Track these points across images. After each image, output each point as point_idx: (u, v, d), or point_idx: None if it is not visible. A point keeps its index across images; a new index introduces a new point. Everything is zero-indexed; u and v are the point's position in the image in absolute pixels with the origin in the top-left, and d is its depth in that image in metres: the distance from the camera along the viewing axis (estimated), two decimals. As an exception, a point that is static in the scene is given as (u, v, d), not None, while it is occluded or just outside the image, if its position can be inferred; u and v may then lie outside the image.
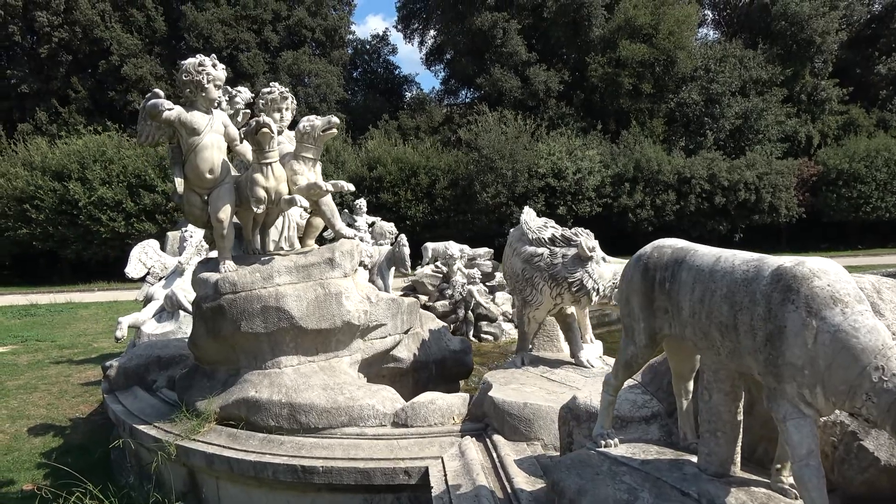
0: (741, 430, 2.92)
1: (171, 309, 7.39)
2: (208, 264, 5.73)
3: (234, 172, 5.71)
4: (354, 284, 5.43)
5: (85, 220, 29.84)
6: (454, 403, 4.83)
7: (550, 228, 5.48)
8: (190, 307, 7.14)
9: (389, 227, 10.22)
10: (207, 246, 7.79)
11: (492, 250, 15.31)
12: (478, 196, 30.96)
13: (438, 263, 13.11)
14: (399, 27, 46.00)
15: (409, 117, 39.25)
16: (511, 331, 12.04)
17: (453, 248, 12.65)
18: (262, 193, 5.28)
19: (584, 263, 5.09)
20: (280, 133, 5.89)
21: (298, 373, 5.06)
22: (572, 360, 5.70)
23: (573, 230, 5.35)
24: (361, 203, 13.12)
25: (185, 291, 7.36)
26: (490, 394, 4.71)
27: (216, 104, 5.71)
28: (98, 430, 6.87)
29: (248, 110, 9.92)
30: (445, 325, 6.82)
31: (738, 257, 2.70)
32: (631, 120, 36.13)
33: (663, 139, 35.87)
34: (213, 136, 5.50)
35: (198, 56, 5.54)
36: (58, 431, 6.76)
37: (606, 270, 5.16)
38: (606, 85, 36.08)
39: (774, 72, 36.98)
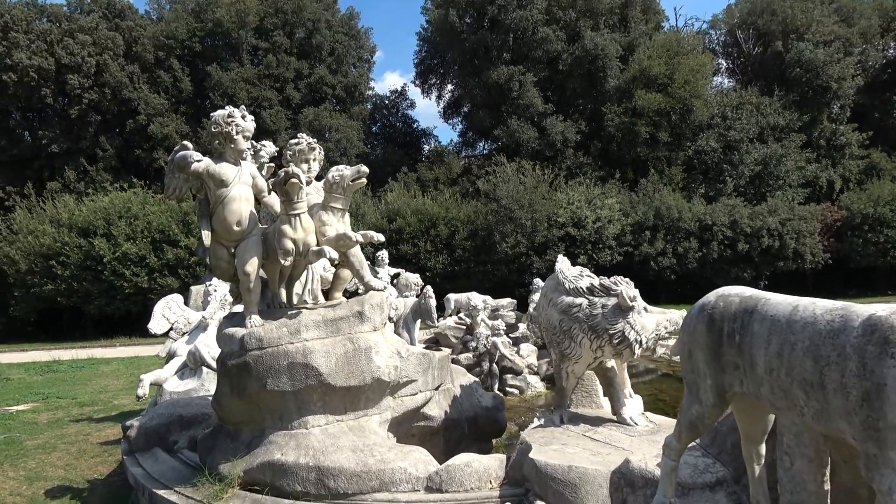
0: (828, 501, 2.61)
1: (193, 366, 7.16)
2: (234, 319, 5.54)
3: (260, 225, 5.60)
4: (384, 339, 5.20)
5: (109, 276, 30.13)
6: (491, 466, 4.51)
7: (587, 277, 5.25)
8: (213, 364, 6.94)
9: (415, 278, 10.01)
10: (231, 300, 7.65)
11: (515, 301, 15.04)
12: (497, 246, 30.84)
13: (462, 315, 12.87)
14: (417, 82, 47.02)
15: (427, 169, 39.64)
16: (537, 384, 11.66)
17: (476, 298, 12.41)
18: (290, 245, 5.14)
19: (625, 314, 4.86)
20: (308, 184, 5.78)
21: (326, 433, 4.80)
22: (614, 418, 5.39)
23: (612, 279, 5.12)
24: (383, 255, 13.02)
25: (208, 347, 7.16)
26: (531, 456, 4.42)
27: (244, 156, 5.63)
28: (116, 493, 6.60)
29: (272, 164, 9.97)
30: (477, 380, 6.50)
31: (819, 306, 2.46)
32: (649, 168, 36.14)
33: (682, 187, 35.75)
34: (242, 187, 5.40)
35: (227, 107, 5.51)
36: (75, 494, 6.50)
37: (649, 321, 4.92)
38: (623, 134, 36.27)
39: (792, 118, 37.00)
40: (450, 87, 46.64)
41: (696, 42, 39.99)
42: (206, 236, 5.41)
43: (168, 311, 7.70)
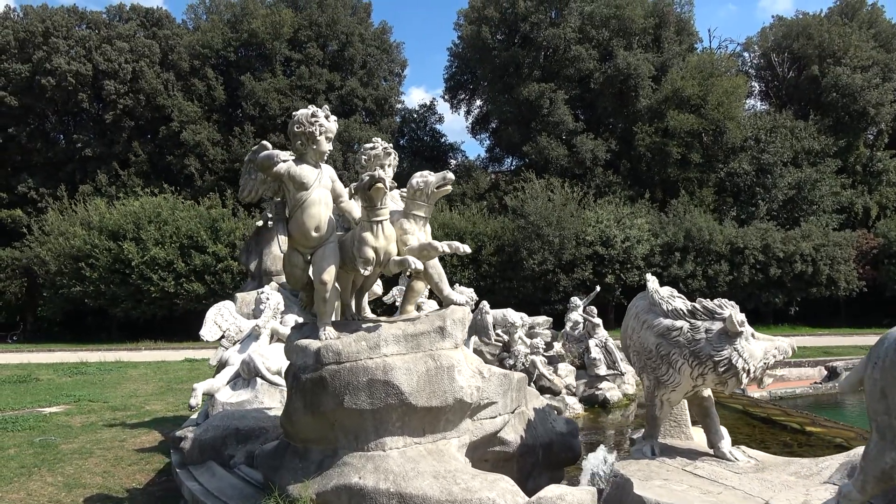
0: None
1: (247, 376, 6.95)
2: (303, 329, 5.29)
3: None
4: (465, 357, 4.95)
5: (136, 279, 30.38)
6: (584, 500, 4.18)
7: (678, 299, 4.97)
8: (268, 374, 6.75)
9: (469, 292, 9.65)
10: (283, 308, 7.49)
11: (550, 319, 14.75)
12: (524, 263, 30.57)
13: (499, 332, 12.62)
14: (445, 97, 47.14)
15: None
16: (575, 405, 11.34)
17: (513, 316, 12.13)
18: (370, 254, 4.87)
19: (731, 339, 4.49)
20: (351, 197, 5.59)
21: (405, 457, 4.51)
22: (710, 451, 5.01)
23: (717, 301, 4.77)
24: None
25: (263, 357, 6.95)
26: (637, 492, 4.09)
27: (325, 158, 5.43)
28: None
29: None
30: (550, 403, 6.21)
31: None
32: (679, 189, 35.71)
33: (713, 209, 35.25)
34: (321, 191, 5.14)
35: (310, 106, 5.28)
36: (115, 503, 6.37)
37: (757, 348, 4.54)
38: (654, 154, 35.93)
39: (827, 143, 36.41)
40: (479, 102, 46.74)
41: (730, 64, 39.63)
42: (283, 241, 5.16)
43: (220, 319, 7.46)
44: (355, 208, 5.33)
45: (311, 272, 5.20)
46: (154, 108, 37.36)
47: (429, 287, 5.74)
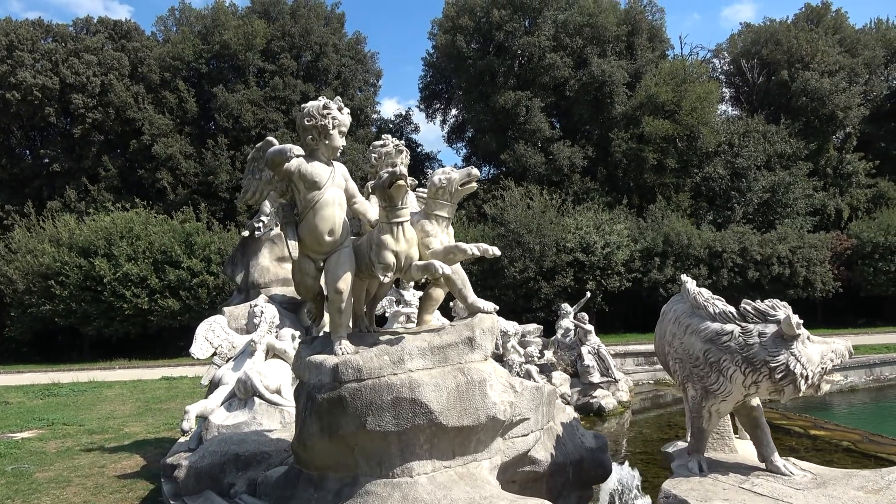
0: None
1: (243, 396, 6.46)
2: (314, 344, 4.84)
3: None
4: (494, 369, 4.57)
5: (108, 297, 29.53)
6: None
7: (720, 301, 4.68)
8: (267, 393, 6.33)
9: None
10: (278, 322, 7.10)
11: (542, 327, 14.55)
12: (505, 271, 30.40)
13: (489, 341, 12.35)
14: (421, 107, 47.04)
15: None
16: (571, 414, 11.12)
17: (505, 324, 11.91)
18: (391, 259, 4.44)
19: (788, 343, 4.18)
20: (368, 196, 5.18)
21: (435, 483, 4.06)
22: (760, 465, 4.70)
23: (768, 302, 4.45)
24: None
25: (260, 375, 6.49)
26: None
27: (338, 155, 5.01)
28: (140, 534, 6.05)
29: None
30: (577, 416, 5.88)
31: None
32: (656, 194, 35.95)
33: (690, 213, 35.53)
34: (335, 191, 4.72)
35: (321, 98, 4.86)
36: (97, 535, 5.94)
37: (814, 352, 4.24)
38: (630, 160, 36.17)
39: (798, 146, 37.00)
40: (454, 111, 46.71)
41: (701, 70, 40.15)
42: (294, 247, 4.69)
43: (211, 334, 7.00)
44: (370, 209, 4.94)
45: (323, 281, 4.79)
46: (124, 121, 36.55)
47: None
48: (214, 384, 6.64)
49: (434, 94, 46.05)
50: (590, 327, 12.47)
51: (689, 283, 5.02)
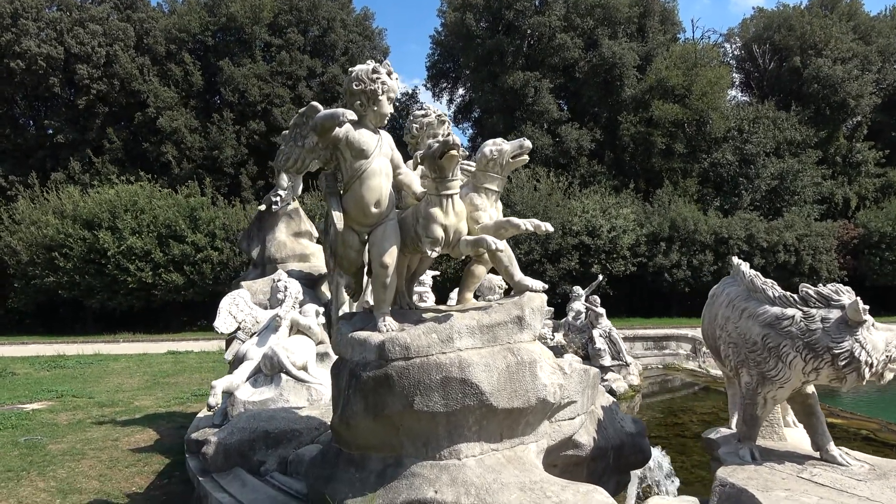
0: None
1: (269, 371, 6.34)
2: (353, 320, 4.68)
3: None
4: (543, 351, 4.43)
5: (112, 270, 29.47)
6: None
7: (776, 285, 4.54)
8: (294, 370, 6.24)
9: (499, 280, 9.00)
10: (301, 298, 6.98)
11: (552, 308, 14.46)
12: (509, 253, 30.29)
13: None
14: (427, 86, 46.60)
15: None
16: (610, 399, 11.08)
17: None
18: (439, 233, 4.24)
19: (852, 329, 4.03)
20: (416, 167, 4.86)
21: (483, 466, 3.95)
22: (814, 454, 4.57)
23: (831, 286, 4.28)
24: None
25: (287, 351, 6.34)
26: None
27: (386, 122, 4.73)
28: (159, 509, 6.00)
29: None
30: (615, 400, 5.77)
31: None
32: (663, 179, 35.74)
33: (697, 199, 35.35)
34: (382, 160, 4.48)
35: (369, 62, 4.59)
36: (115, 510, 5.89)
37: (878, 339, 4.07)
38: (638, 144, 35.91)
39: (808, 133, 36.71)
40: (461, 91, 46.27)
41: (712, 54, 39.70)
42: (339, 218, 4.45)
43: (235, 309, 6.84)
44: (415, 181, 4.73)
45: (367, 255, 4.60)
46: (129, 93, 36.21)
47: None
48: (238, 359, 6.50)
49: (441, 72, 45.60)
50: (601, 310, 12.37)
51: (744, 265, 4.87)
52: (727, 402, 11.36)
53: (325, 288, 8.12)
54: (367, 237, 4.58)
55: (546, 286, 4.70)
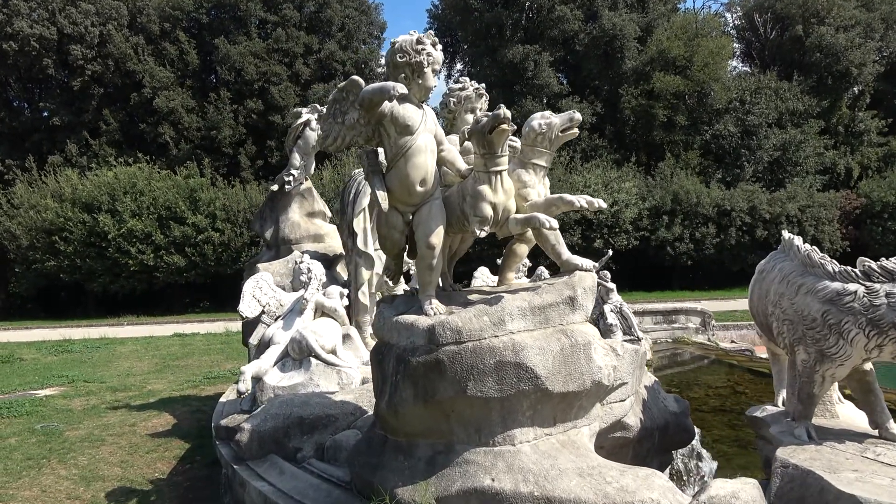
0: None
1: (297, 356, 6.20)
2: (395, 303, 4.55)
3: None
4: (596, 332, 4.29)
5: (113, 253, 29.39)
6: (756, 497, 3.59)
7: (830, 259, 4.45)
8: (323, 353, 6.15)
9: (545, 274, 8.84)
10: (325, 280, 6.87)
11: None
12: (513, 228, 30.24)
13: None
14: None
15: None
16: (652, 378, 11.06)
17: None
18: (488, 211, 4.08)
19: None
20: (463, 142, 4.63)
21: (538, 451, 3.86)
22: (872, 432, 4.49)
23: (895, 260, 4.17)
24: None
25: (316, 334, 6.17)
26: (841, 488, 3.53)
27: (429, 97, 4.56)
28: (187, 496, 5.97)
29: None
30: (657, 379, 5.70)
31: None
32: (665, 152, 35.51)
33: (699, 171, 35.17)
34: (427, 136, 4.28)
35: (412, 32, 4.38)
36: (142, 498, 5.83)
37: None
38: (639, 117, 35.61)
39: (810, 103, 36.39)
40: (459, 66, 45.70)
41: (714, 24, 39.19)
42: (383, 198, 4.29)
43: (259, 292, 6.71)
44: (459, 157, 4.56)
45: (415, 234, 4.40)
46: (124, 73, 35.75)
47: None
48: (264, 344, 6.38)
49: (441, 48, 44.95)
50: (612, 285, 12.27)
51: (797, 239, 4.75)
52: (739, 376, 11.38)
53: (340, 268, 8.06)
54: (411, 217, 4.43)
55: (596, 265, 4.59)
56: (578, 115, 4.52)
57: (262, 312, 6.76)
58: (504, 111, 4.00)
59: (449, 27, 42.65)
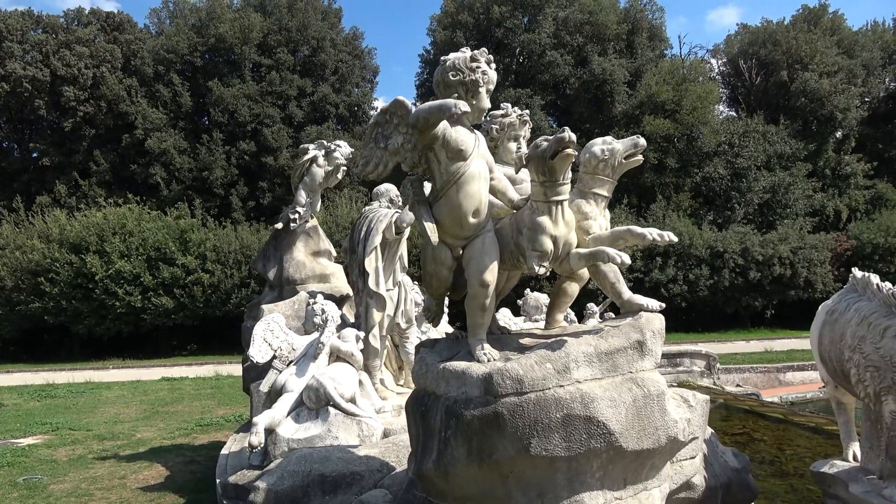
0: None
1: (314, 405, 5.72)
2: (436, 348, 4.12)
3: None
4: (665, 381, 3.92)
5: (100, 294, 28.78)
6: None
7: None
8: (343, 402, 5.68)
9: (545, 299, 8.56)
10: (339, 322, 6.53)
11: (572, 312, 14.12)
12: (507, 270, 30.08)
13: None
14: (416, 104, 46.32)
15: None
16: (709, 429, 10.68)
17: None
18: (548, 244, 3.73)
19: None
20: (519, 169, 4.40)
21: None
22: None
23: None
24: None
25: (334, 381, 5.72)
26: None
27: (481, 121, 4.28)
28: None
29: (346, 168, 9.04)
30: (712, 430, 5.31)
31: None
32: (656, 194, 35.76)
33: (690, 213, 35.37)
34: (480, 162, 3.93)
35: (464, 49, 4.13)
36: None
37: None
38: (630, 159, 35.91)
39: (797, 147, 36.97)
40: (451, 109, 46.22)
41: (700, 70, 40.06)
42: (432, 230, 3.88)
43: (270, 335, 6.27)
44: (510, 187, 4.22)
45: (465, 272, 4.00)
46: (116, 115, 35.72)
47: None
48: (276, 391, 5.94)
49: (431, 91, 45.20)
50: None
51: (874, 277, 4.49)
52: (753, 422, 11.04)
53: (346, 310, 7.74)
54: (461, 252, 4.04)
55: (663, 305, 4.25)
56: (643, 141, 4.26)
57: (274, 357, 6.32)
58: (569, 134, 3.71)
59: (441, 71, 43.26)
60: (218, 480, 5.81)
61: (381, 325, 6.99)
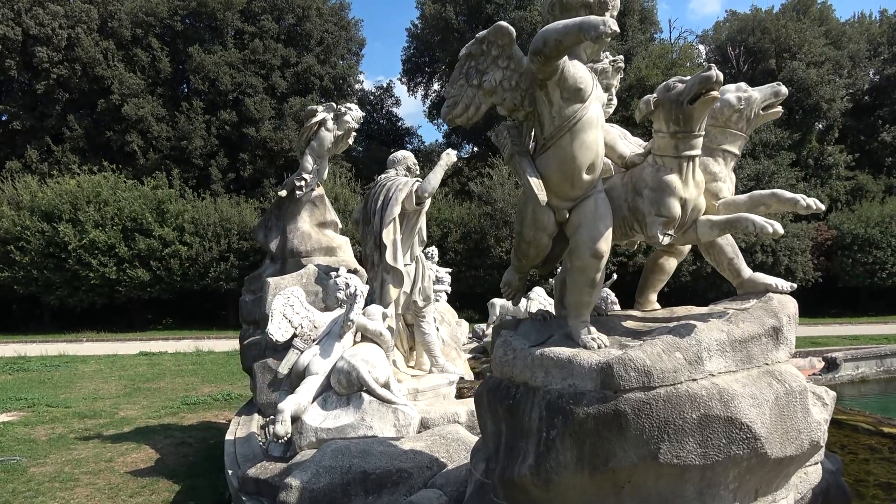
0: None
1: (345, 390, 5.11)
2: (519, 331, 3.49)
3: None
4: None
5: (73, 265, 27.87)
6: None
7: None
8: (378, 388, 5.07)
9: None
10: (364, 293, 5.95)
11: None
12: (491, 250, 29.83)
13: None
14: (403, 80, 45.72)
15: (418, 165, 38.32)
16: None
17: (534, 305, 11.21)
18: (676, 209, 3.15)
19: None
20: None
21: None
22: None
23: None
24: (433, 252, 11.65)
25: (367, 364, 5.08)
26: None
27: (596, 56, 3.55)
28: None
29: (356, 132, 8.55)
30: None
31: None
32: (642, 178, 35.71)
33: (675, 199, 35.40)
34: (597, 106, 3.27)
35: None
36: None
37: None
38: (618, 143, 35.73)
39: (782, 136, 37.10)
40: (436, 86, 45.48)
41: (689, 55, 39.87)
42: (539, 186, 3.18)
43: (290, 311, 5.54)
44: (619, 141, 3.64)
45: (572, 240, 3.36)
46: (92, 78, 34.34)
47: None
48: (297, 374, 5.35)
49: (417, 67, 44.73)
50: (617, 309, 11.93)
51: None
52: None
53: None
54: (567, 214, 3.37)
55: (794, 286, 3.74)
56: (784, 89, 3.71)
57: (294, 335, 5.79)
58: (716, 72, 3.04)
59: (428, 46, 42.45)
60: (230, 472, 5.29)
61: (398, 302, 6.58)
